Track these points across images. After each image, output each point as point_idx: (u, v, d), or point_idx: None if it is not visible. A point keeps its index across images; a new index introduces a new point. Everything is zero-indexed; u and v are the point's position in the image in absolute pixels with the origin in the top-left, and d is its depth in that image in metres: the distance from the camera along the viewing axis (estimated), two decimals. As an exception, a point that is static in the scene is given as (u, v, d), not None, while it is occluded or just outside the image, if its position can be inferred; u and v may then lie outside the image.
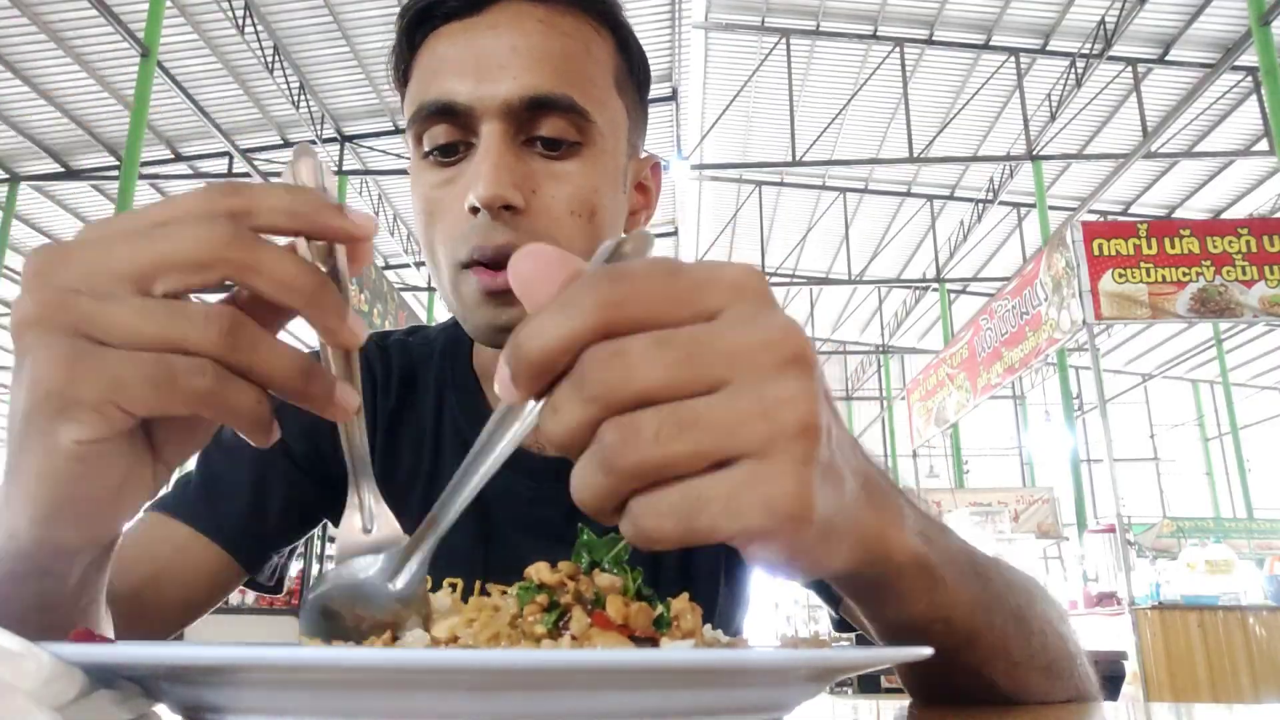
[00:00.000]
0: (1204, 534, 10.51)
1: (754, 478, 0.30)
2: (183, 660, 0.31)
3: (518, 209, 0.65)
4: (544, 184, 0.67)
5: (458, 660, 0.30)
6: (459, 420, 0.81)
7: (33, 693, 0.29)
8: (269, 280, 0.36)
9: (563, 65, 0.67)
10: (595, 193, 0.69)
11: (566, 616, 0.38)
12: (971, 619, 0.50)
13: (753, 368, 0.31)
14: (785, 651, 0.34)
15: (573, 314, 0.31)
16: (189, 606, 0.74)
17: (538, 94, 0.65)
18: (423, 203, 0.70)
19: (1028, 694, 0.56)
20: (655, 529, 0.31)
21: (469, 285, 0.67)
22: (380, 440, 0.81)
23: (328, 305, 0.38)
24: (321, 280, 0.38)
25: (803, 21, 10.92)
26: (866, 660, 0.38)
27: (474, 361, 0.82)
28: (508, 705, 0.32)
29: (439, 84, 0.67)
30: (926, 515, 0.49)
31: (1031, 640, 0.55)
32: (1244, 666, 5.72)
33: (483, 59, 0.66)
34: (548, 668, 0.30)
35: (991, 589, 0.52)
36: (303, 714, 0.32)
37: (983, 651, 0.52)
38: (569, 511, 0.78)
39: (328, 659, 0.30)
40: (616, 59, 0.73)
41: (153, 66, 7.26)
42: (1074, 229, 7.48)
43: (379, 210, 12.86)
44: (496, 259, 0.65)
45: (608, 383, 0.30)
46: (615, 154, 0.72)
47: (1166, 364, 17.05)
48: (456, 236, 0.67)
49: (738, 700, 0.34)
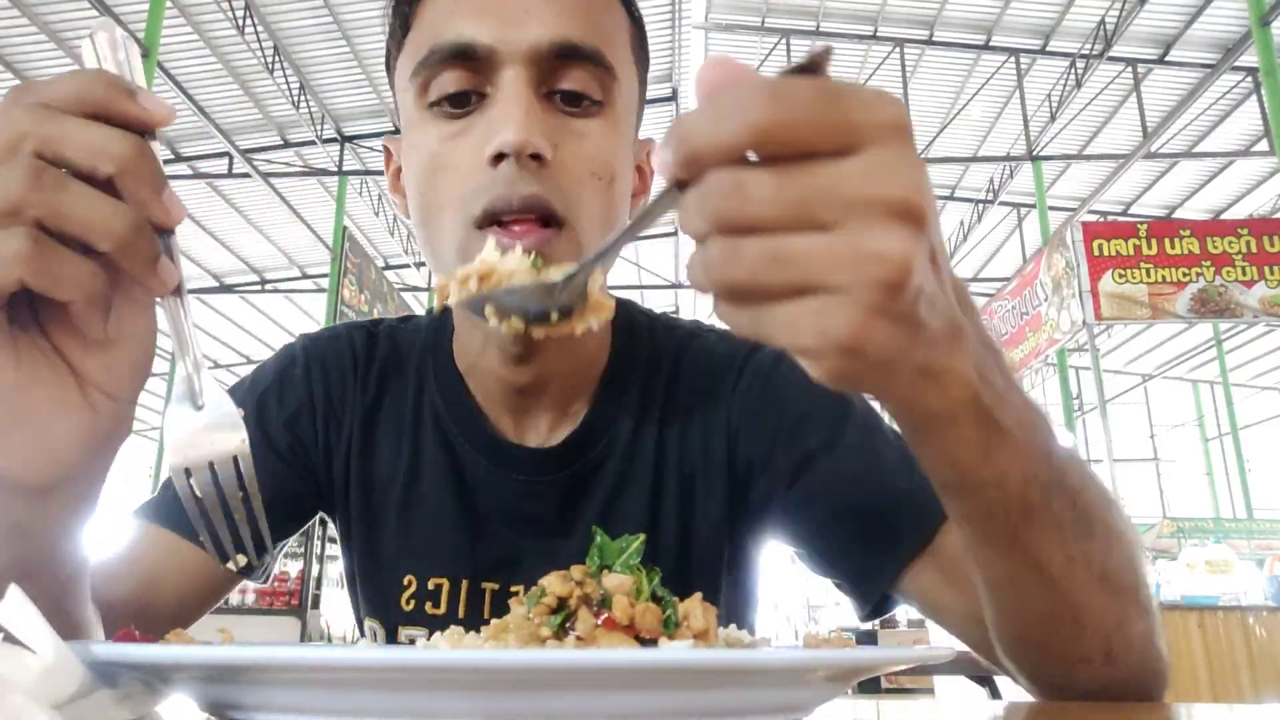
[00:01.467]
0: (1204, 534, 10.52)
1: (821, 309, 0.32)
2: (212, 660, 0.31)
3: (544, 161, 0.62)
4: (566, 140, 0.64)
5: (457, 660, 0.29)
6: (439, 410, 0.79)
7: (32, 688, 0.29)
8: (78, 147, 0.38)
9: (591, 17, 0.64)
10: (615, 157, 0.67)
11: (573, 618, 0.38)
12: (1026, 491, 0.47)
13: (863, 216, 0.32)
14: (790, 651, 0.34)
15: (727, 125, 0.32)
16: (184, 610, 0.73)
17: (568, 41, 0.62)
18: (426, 158, 0.65)
19: (1084, 606, 0.51)
20: (731, 321, 0.34)
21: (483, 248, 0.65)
22: (359, 428, 0.80)
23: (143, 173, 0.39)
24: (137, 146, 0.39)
25: (803, 22, 10.91)
26: (886, 659, 0.37)
27: (455, 356, 0.80)
28: (511, 705, 0.32)
29: (456, 25, 0.63)
30: (1010, 379, 0.46)
31: (1093, 541, 0.50)
32: (1244, 666, 5.72)
33: (507, 2, 0.62)
34: (536, 667, 0.29)
35: (1057, 474, 0.48)
36: (314, 712, 0.32)
37: (1037, 532, 0.48)
38: (559, 504, 0.78)
39: (342, 660, 0.30)
40: (631, 30, 0.71)
41: (153, 66, 7.26)
42: (1074, 229, 7.49)
43: (379, 210, 12.87)
44: (523, 209, 0.61)
45: (724, 207, 0.32)
46: (629, 123, 0.70)
47: (1166, 364, 17.04)
48: (470, 191, 0.63)
49: (752, 701, 0.34)
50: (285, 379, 0.81)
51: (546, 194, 0.62)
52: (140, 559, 0.71)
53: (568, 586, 0.40)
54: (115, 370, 0.43)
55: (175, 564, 0.72)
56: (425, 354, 0.82)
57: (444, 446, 0.78)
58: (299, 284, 14.06)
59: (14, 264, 0.36)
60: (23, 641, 0.30)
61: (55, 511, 0.45)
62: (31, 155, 0.37)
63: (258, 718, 0.34)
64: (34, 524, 0.45)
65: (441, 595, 0.76)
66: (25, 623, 0.30)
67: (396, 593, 0.77)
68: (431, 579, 0.77)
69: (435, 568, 0.77)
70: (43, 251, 0.37)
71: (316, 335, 0.85)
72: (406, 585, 0.77)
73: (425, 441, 0.79)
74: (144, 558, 0.71)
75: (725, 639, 0.44)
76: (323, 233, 11.39)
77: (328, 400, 0.80)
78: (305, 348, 0.84)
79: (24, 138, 0.37)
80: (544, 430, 0.77)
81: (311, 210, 11.79)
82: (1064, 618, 0.52)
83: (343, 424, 0.80)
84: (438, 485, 0.77)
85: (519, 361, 0.72)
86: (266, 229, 12.67)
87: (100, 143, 0.38)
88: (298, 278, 14.18)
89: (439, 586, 0.76)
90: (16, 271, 0.36)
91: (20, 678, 0.29)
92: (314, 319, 14.04)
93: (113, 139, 0.39)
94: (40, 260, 0.37)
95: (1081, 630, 0.52)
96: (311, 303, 13.74)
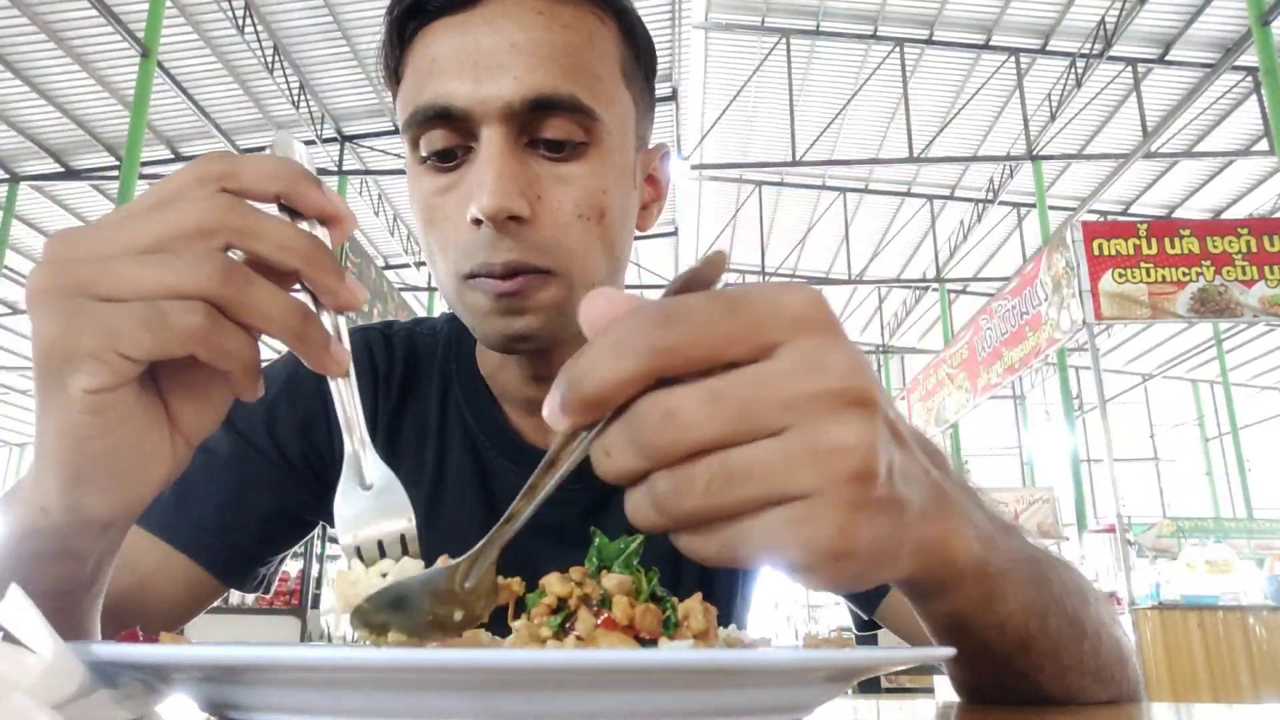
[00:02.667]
0: (1204, 534, 10.51)
1: (798, 518, 0.30)
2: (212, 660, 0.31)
3: (523, 219, 0.62)
4: (550, 189, 0.64)
5: (457, 660, 0.29)
6: (465, 415, 0.79)
7: (32, 688, 0.29)
8: (268, 243, 0.39)
9: (566, 61, 0.63)
10: (604, 193, 0.66)
11: (573, 618, 0.38)
12: (1026, 625, 0.49)
13: (810, 413, 0.30)
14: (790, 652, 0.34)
15: (626, 357, 0.30)
16: (171, 616, 0.73)
17: (540, 94, 0.62)
18: (422, 210, 0.67)
19: (1076, 698, 0.55)
20: (700, 553, 0.32)
21: (476, 296, 0.65)
22: (383, 432, 0.79)
23: (325, 265, 0.41)
24: (317, 242, 0.41)
25: (803, 21, 10.91)
26: (888, 660, 0.37)
27: (478, 356, 0.80)
28: (511, 705, 0.32)
29: (434, 86, 0.63)
30: (994, 518, 0.48)
31: (1084, 645, 0.54)
32: (1244, 666, 5.72)
33: (480, 58, 0.62)
34: (536, 667, 0.30)
35: (1049, 593, 0.51)
36: (314, 712, 0.32)
37: (1035, 657, 0.51)
38: (583, 512, 0.77)
39: (342, 660, 0.30)
40: (622, 48, 0.69)
41: (153, 66, 7.26)
42: (1074, 229, 7.48)
43: (379, 210, 12.87)
44: (505, 274, 0.63)
45: (659, 441, 0.30)
46: (623, 150, 0.69)
47: (1166, 364, 17.05)
48: (459, 248, 0.64)
49: (751, 701, 0.34)
50: (295, 384, 0.79)
51: (525, 255, 0.63)
52: (134, 565, 0.70)
53: (567, 587, 0.40)
54: (204, 419, 0.44)
55: (166, 574, 0.72)
56: (448, 358, 0.82)
57: (469, 450, 0.78)
58: (299, 284, 14.05)
59: (188, 339, 0.37)
60: (23, 641, 0.30)
61: (112, 539, 0.46)
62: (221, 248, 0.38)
63: (257, 718, 0.34)
64: (90, 550, 0.45)
65: None
66: (25, 623, 0.30)
67: None
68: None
69: None
70: (218, 328, 0.38)
71: None
72: None
73: (451, 444, 0.79)
74: (137, 564, 0.70)
75: (725, 639, 0.45)
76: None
77: None
78: None
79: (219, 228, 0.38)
80: None
81: (311, 210, 11.78)
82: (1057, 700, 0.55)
83: None
84: (463, 487, 0.77)
85: (538, 379, 0.73)
86: (266, 229, 12.66)
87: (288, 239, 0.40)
88: (298, 277, 14.17)
89: None
90: (192, 345, 0.37)
91: (20, 678, 0.29)
92: (314, 319, 14.01)
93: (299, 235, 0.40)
94: (215, 336, 0.38)
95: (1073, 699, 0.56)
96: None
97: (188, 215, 0.38)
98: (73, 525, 0.43)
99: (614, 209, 0.67)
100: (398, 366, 0.82)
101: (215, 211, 0.39)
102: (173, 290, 0.37)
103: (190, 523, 0.73)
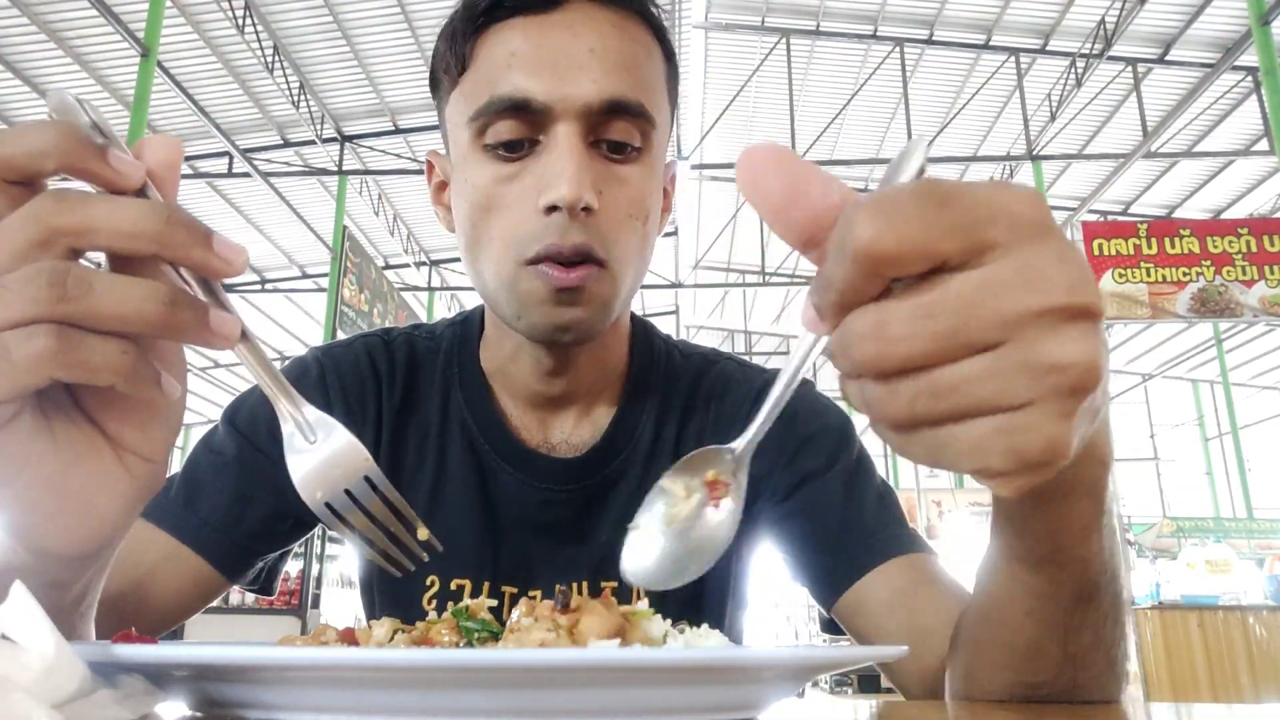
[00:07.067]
0: (1204, 534, 10.52)
1: (1007, 428, 0.29)
2: (212, 660, 0.31)
3: (592, 210, 0.66)
4: (609, 187, 0.68)
5: (456, 660, 0.30)
6: (466, 419, 0.81)
7: (32, 687, 0.29)
8: (108, 235, 0.35)
9: (635, 71, 0.68)
10: (649, 197, 0.71)
11: None
12: (1100, 574, 0.48)
13: (1028, 330, 0.29)
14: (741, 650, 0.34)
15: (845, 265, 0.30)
16: (172, 612, 0.74)
17: (615, 98, 0.66)
18: (481, 196, 0.69)
19: (1088, 680, 0.53)
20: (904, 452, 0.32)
21: (535, 284, 0.67)
22: (386, 436, 0.81)
23: (181, 239, 0.36)
24: (163, 212, 0.35)
25: (803, 21, 10.91)
26: (842, 659, 0.38)
27: (482, 359, 0.83)
28: (511, 704, 0.32)
29: (511, 79, 0.66)
30: None
31: (1117, 629, 0.53)
32: (1244, 666, 5.72)
33: (560, 58, 0.66)
34: (536, 667, 0.30)
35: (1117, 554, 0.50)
36: (314, 711, 0.32)
37: (1086, 614, 0.50)
38: (577, 514, 0.80)
39: (342, 659, 0.30)
40: (665, 66, 0.75)
41: (153, 66, 7.25)
42: (1074, 229, 7.49)
43: (379, 210, 12.87)
44: (573, 257, 0.66)
45: (868, 358, 0.30)
46: (662, 159, 0.74)
47: (1166, 364, 17.03)
48: (524, 234, 0.67)
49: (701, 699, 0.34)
50: (300, 389, 0.80)
51: (592, 241, 0.66)
52: (137, 559, 0.71)
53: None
54: (150, 433, 0.42)
55: (171, 567, 0.73)
56: (451, 360, 0.84)
57: (470, 451, 0.81)
58: (299, 283, 14.05)
59: (41, 364, 0.34)
60: (23, 641, 0.30)
61: (91, 566, 0.46)
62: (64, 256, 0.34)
63: (257, 717, 0.34)
64: (71, 580, 0.45)
65: (464, 596, 0.79)
66: (26, 622, 0.30)
67: (419, 593, 0.79)
68: (454, 579, 0.79)
69: (458, 569, 0.79)
70: (70, 345, 0.34)
71: (328, 347, 0.87)
72: (429, 585, 0.79)
73: (451, 445, 0.81)
74: (141, 558, 0.72)
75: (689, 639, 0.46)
76: (323, 232, 11.39)
77: (346, 408, 0.81)
78: (318, 358, 0.84)
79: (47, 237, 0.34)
80: (567, 431, 0.81)
81: (311, 210, 11.79)
82: (1063, 688, 0.54)
83: (363, 431, 0.81)
84: (462, 488, 0.79)
85: (553, 374, 0.76)
86: (266, 228, 12.66)
87: (130, 223, 0.35)
88: (298, 277, 14.17)
89: (461, 587, 0.79)
90: (45, 370, 0.34)
91: (20, 677, 0.29)
92: (314, 318, 14.04)
93: (140, 214, 0.35)
94: (69, 354, 0.34)
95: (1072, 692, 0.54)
96: (311, 302, 13.74)
97: (7, 234, 0.34)
98: (43, 560, 0.42)
99: (654, 213, 0.73)
100: (399, 371, 0.83)
101: (36, 220, 0.34)
102: (2, 322, 0.34)
103: (199, 519, 0.75)
